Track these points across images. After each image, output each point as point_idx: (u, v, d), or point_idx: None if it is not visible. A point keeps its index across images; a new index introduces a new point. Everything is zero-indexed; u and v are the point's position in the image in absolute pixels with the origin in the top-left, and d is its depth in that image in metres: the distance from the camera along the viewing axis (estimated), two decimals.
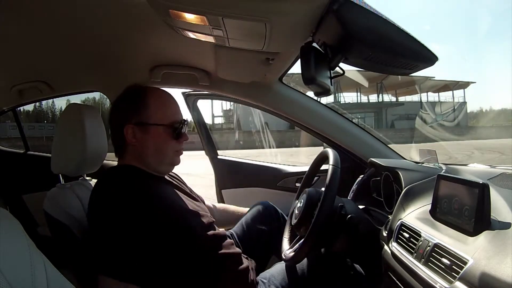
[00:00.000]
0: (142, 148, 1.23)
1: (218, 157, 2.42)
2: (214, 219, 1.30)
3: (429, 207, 1.11)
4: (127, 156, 1.26)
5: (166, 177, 1.34)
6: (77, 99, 2.29)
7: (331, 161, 1.34)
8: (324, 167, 1.59)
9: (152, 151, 1.23)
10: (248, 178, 2.32)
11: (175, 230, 1.09)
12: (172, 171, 1.36)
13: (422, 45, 0.94)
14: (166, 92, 1.30)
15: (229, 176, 2.31)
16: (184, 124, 1.27)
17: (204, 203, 1.50)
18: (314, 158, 1.65)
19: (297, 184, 2.14)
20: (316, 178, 1.96)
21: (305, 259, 1.37)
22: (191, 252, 1.10)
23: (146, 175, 1.23)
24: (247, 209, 1.73)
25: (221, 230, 1.29)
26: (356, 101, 34.74)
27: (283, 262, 1.41)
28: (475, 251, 0.84)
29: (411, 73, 1.06)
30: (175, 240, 1.08)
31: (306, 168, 1.73)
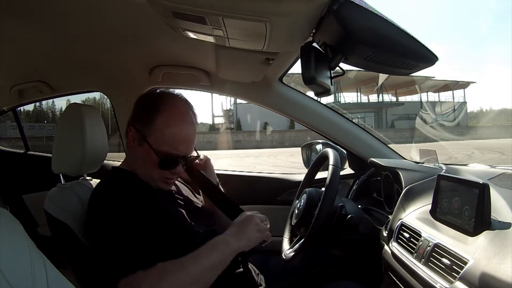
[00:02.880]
0: (135, 156, 1.22)
1: None
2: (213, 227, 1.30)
3: (429, 207, 1.11)
4: (127, 156, 1.28)
5: None
6: (77, 99, 2.27)
7: (331, 161, 1.34)
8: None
9: (141, 165, 1.22)
10: (237, 194, 1.92)
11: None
12: None
13: (423, 45, 0.94)
14: (184, 115, 1.20)
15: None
16: (179, 161, 1.20)
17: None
18: (315, 159, 1.65)
19: None
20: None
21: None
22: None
23: (137, 182, 1.22)
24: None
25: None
26: (356, 101, 34.79)
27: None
28: (475, 251, 0.84)
29: (412, 73, 1.06)
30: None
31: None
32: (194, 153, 1.39)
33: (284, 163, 13.74)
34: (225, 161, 14.87)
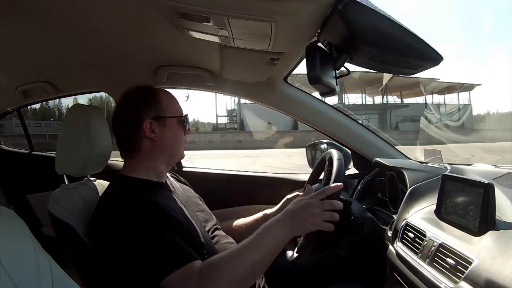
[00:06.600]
0: (161, 142, 1.24)
1: (184, 169, 2.16)
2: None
3: (434, 207, 1.11)
4: (141, 154, 1.24)
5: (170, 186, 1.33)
6: (84, 97, 2.27)
7: (335, 158, 1.34)
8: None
9: (170, 144, 1.27)
10: (239, 194, 2.09)
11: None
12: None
13: (428, 44, 0.93)
14: (168, 90, 1.38)
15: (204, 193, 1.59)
16: (187, 118, 1.34)
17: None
18: (319, 158, 1.65)
19: None
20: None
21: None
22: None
23: (147, 185, 1.22)
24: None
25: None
26: (360, 103, 34.74)
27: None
28: (480, 251, 0.84)
29: (416, 73, 1.06)
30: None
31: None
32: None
33: (281, 164, 13.84)
34: (221, 161, 14.99)
